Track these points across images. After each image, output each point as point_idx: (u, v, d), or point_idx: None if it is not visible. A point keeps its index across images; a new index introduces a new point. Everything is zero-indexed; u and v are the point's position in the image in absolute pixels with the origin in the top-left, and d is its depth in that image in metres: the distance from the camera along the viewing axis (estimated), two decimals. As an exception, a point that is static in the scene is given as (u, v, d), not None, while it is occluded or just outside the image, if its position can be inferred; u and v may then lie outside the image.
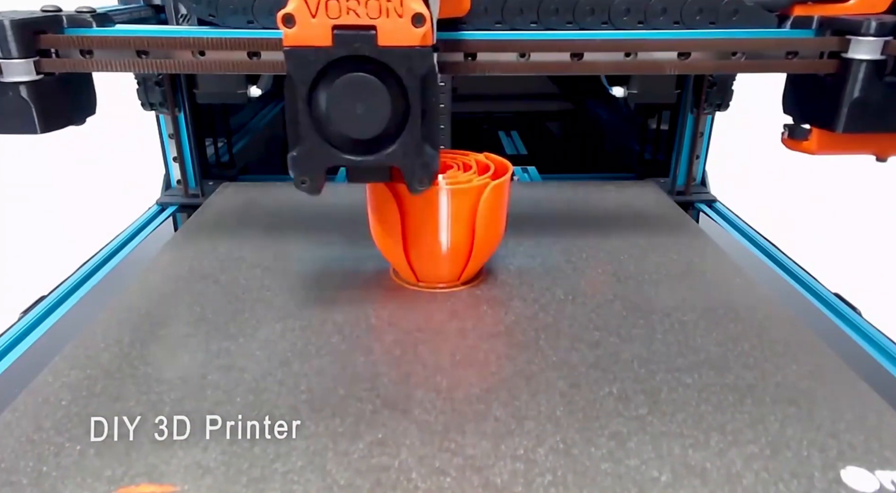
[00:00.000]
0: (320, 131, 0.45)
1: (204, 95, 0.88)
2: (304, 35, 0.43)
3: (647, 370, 0.46)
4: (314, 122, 0.45)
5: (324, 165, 0.47)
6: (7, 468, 0.37)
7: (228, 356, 0.48)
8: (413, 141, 0.46)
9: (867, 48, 0.56)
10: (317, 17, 0.42)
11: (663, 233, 0.72)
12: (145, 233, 0.83)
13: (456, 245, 0.56)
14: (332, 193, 0.85)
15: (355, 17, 0.42)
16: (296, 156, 0.46)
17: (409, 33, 0.42)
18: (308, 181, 0.47)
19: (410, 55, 0.43)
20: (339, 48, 0.43)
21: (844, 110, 0.58)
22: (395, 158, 0.46)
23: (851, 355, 0.55)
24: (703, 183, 0.97)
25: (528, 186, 0.95)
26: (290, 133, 0.46)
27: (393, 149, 0.46)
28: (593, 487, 0.36)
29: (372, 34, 0.42)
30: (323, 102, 0.44)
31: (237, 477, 0.36)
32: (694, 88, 0.89)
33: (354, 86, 0.44)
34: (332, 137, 0.46)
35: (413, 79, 0.44)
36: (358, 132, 0.45)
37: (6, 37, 0.52)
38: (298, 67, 0.44)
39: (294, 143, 0.46)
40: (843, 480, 0.36)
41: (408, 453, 0.38)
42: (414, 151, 0.46)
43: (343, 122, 0.45)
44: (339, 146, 0.46)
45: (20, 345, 0.57)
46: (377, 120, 0.45)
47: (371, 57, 0.43)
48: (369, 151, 0.46)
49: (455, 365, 0.47)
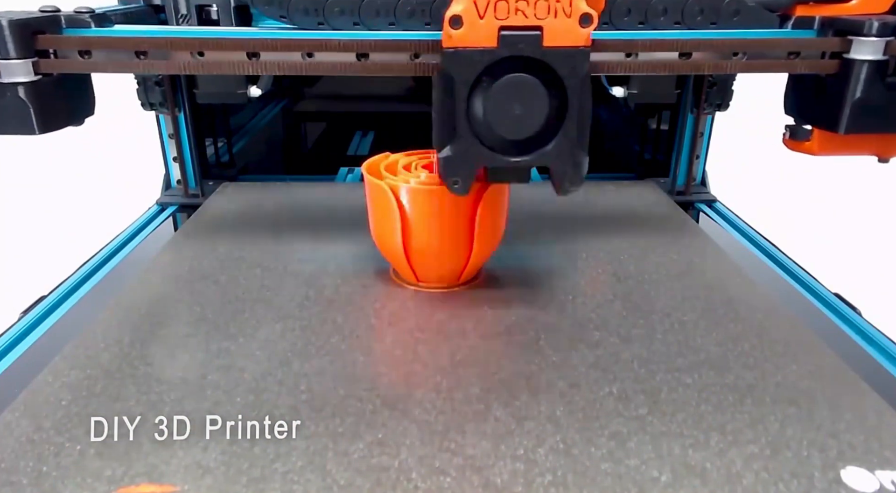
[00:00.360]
0: (475, 132, 0.46)
1: (204, 95, 0.88)
2: (470, 36, 0.43)
3: (647, 370, 0.46)
4: (470, 122, 0.46)
5: (477, 165, 0.47)
6: (7, 468, 0.37)
7: (228, 356, 0.48)
8: (568, 142, 0.46)
9: (869, 49, 0.56)
10: (485, 19, 0.43)
11: (663, 233, 0.72)
12: (145, 233, 0.83)
13: (456, 245, 0.56)
14: (332, 193, 0.86)
15: (523, 17, 0.43)
16: (450, 156, 0.47)
17: (575, 33, 0.43)
18: (460, 182, 0.47)
19: (574, 55, 0.44)
20: (504, 49, 0.43)
21: (846, 111, 0.57)
22: (549, 159, 0.47)
23: (851, 355, 0.55)
24: (703, 183, 0.97)
25: (528, 186, 0.95)
26: (439, 134, 0.46)
27: (548, 149, 0.46)
28: (593, 487, 0.36)
29: (537, 35, 0.43)
30: (481, 102, 0.45)
31: (237, 477, 0.36)
32: (694, 87, 0.89)
33: (515, 87, 0.44)
34: (487, 137, 0.46)
35: (575, 79, 0.44)
36: (514, 133, 0.46)
37: (4, 37, 0.52)
38: (461, 68, 0.44)
39: (443, 143, 0.47)
40: (843, 480, 0.36)
41: (408, 453, 0.38)
42: (568, 151, 0.46)
43: (500, 122, 0.45)
44: (491, 147, 0.46)
45: (20, 345, 0.57)
46: (534, 121, 0.45)
47: (534, 58, 0.43)
48: (521, 151, 0.46)
49: (455, 365, 0.47)
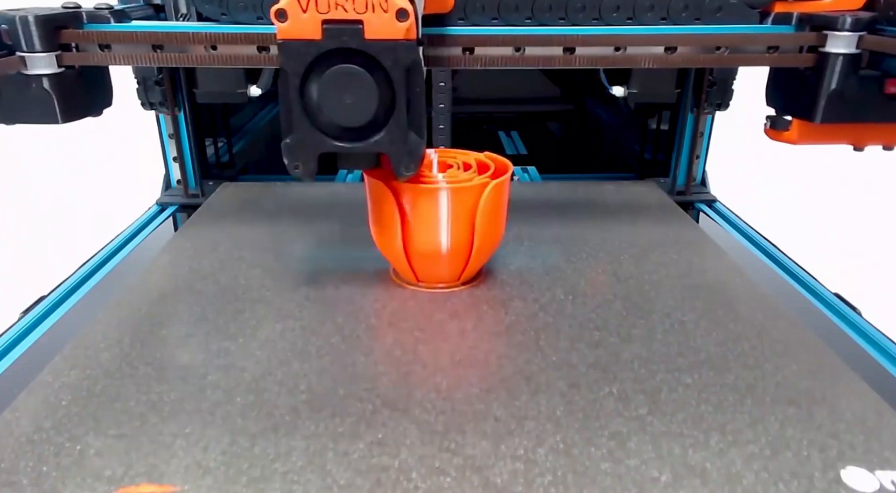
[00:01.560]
0: (312, 120, 0.48)
1: (204, 94, 0.88)
2: (296, 29, 0.45)
3: (647, 370, 0.46)
4: (306, 111, 0.48)
5: (315, 151, 0.49)
6: (7, 468, 0.37)
7: (228, 356, 0.48)
8: (399, 129, 0.48)
9: (843, 43, 0.59)
10: (307, 12, 0.45)
11: (663, 233, 0.72)
12: (145, 233, 0.83)
13: (456, 245, 0.56)
14: (332, 194, 0.86)
15: (343, 11, 0.44)
16: (289, 143, 0.49)
17: (393, 27, 0.45)
18: (301, 166, 0.50)
19: (395, 48, 0.46)
20: (329, 41, 0.45)
21: (822, 102, 0.61)
22: (383, 145, 0.49)
23: (851, 355, 0.55)
24: (703, 183, 0.97)
25: (528, 185, 0.95)
26: (284, 122, 0.49)
27: (380, 136, 0.48)
28: (593, 487, 0.36)
29: (359, 28, 0.45)
30: (314, 92, 0.47)
31: (237, 477, 0.36)
32: (694, 87, 0.89)
33: (343, 77, 0.46)
34: (323, 125, 0.48)
35: (398, 70, 0.46)
36: (347, 120, 0.48)
37: (30, 32, 0.56)
38: (290, 59, 0.46)
39: (287, 131, 0.49)
40: (843, 480, 0.36)
41: (408, 453, 0.38)
42: (400, 138, 0.48)
43: (333, 111, 0.47)
44: (329, 134, 0.49)
45: (20, 345, 0.57)
46: (365, 109, 0.47)
47: (358, 49, 0.46)
48: (358, 138, 0.49)
49: (455, 365, 0.47)
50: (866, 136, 0.65)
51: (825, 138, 0.66)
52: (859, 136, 0.65)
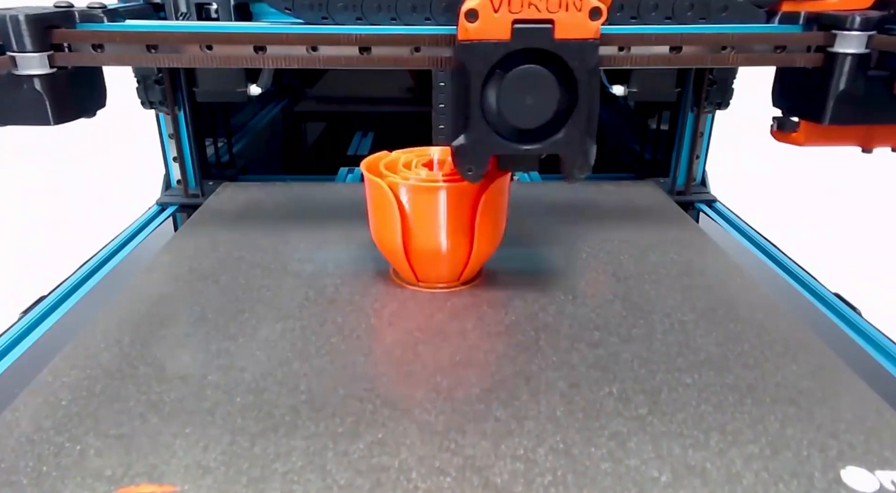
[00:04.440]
0: (488, 121, 0.48)
1: (204, 93, 0.88)
2: (485, 29, 0.45)
3: (647, 370, 0.46)
4: (483, 112, 0.47)
5: (490, 153, 0.49)
6: (7, 468, 0.37)
7: (228, 356, 0.48)
8: (578, 131, 0.48)
9: (852, 42, 0.58)
10: (499, 12, 0.44)
11: (663, 233, 0.72)
12: (145, 233, 0.83)
13: (456, 245, 0.56)
14: (332, 194, 0.86)
15: (535, 11, 0.44)
16: (464, 144, 0.48)
17: (585, 26, 0.45)
18: (474, 170, 0.49)
19: (584, 48, 0.45)
20: (517, 41, 0.45)
21: (831, 103, 0.60)
22: (560, 147, 0.49)
23: (851, 355, 0.55)
24: (703, 183, 0.97)
25: (528, 186, 0.95)
26: (455, 123, 0.49)
27: (558, 138, 0.48)
28: (593, 487, 0.36)
29: (549, 28, 0.45)
30: (494, 93, 0.47)
31: (237, 477, 0.36)
32: (694, 86, 0.89)
33: (527, 78, 0.46)
34: (499, 126, 0.48)
35: (584, 71, 0.46)
36: (526, 122, 0.48)
37: (21, 31, 0.54)
38: (476, 60, 0.46)
39: (459, 132, 0.49)
40: (843, 480, 0.36)
41: (408, 453, 0.38)
42: (578, 139, 0.48)
43: (513, 112, 0.47)
44: (503, 135, 0.48)
45: (20, 345, 0.57)
46: (544, 110, 0.47)
47: (545, 50, 0.45)
48: (532, 140, 0.48)
49: (455, 365, 0.47)
50: (875, 137, 0.64)
51: (833, 140, 0.65)
52: (868, 137, 0.64)
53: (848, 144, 0.65)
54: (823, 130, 0.62)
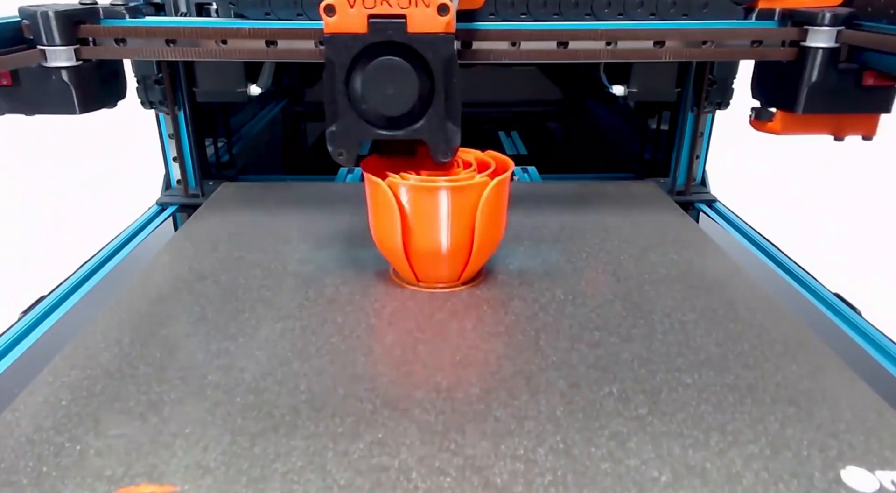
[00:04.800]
0: (355, 109, 0.51)
1: (204, 92, 0.88)
2: (343, 23, 0.48)
3: (647, 370, 0.46)
4: (350, 101, 0.51)
5: (358, 138, 0.53)
6: (7, 468, 0.37)
7: (228, 356, 0.48)
8: (437, 117, 0.51)
9: (823, 37, 0.62)
10: (354, 7, 0.48)
11: (663, 233, 0.72)
12: (145, 233, 0.83)
13: (456, 245, 0.56)
14: (332, 193, 0.86)
15: (388, 6, 0.48)
16: (334, 131, 0.52)
17: (435, 21, 0.48)
18: (344, 153, 0.53)
19: (436, 41, 0.49)
20: (374, 35, 0.49)
21: (804, 93, 0.64)
22: (422, 133, 0.52)
23: (851, 355, 0.55)
24: (703, 183, 0.97)
25: (528, 185, 0.95)
26: (328, 112, 0.52)
27: (420, 125, 0.52)
28: (593, 487, 0.36)
29: (402, 22, 0.48)
30: (358, 83, 0.50)
31: (237, 477, 0.36)
32: (694, 86, 0.89)
33: (386, 68, 0.49)
34: (366, 114, 0.51)
35: (438, 62, 0.49)
36: (388, 110, 0.51)
37: (50, 26, 0.59)
38: (337, 52, 0.50)
39: (331, 120, 0.52)
40: (843, 480, 0.36)
41: (408, 453, 0.38)
42: (438, 126, 0.52)
43: (376, 100, 0.50)
44: (371, 122, 0.52)
45: (20, 345, 0.57)
46: (406, 99, 0.50)
47: (401, 42, 0.49)
48: (398, 126, 0.52)
49: (455, 365, 0.47)
50: (846, 126, 0.68)
51: (807, 128, 0.69)
52: (839, 126, 0.68)
53: (821, 133, 0.69)
54: (798, 119, 0.67)
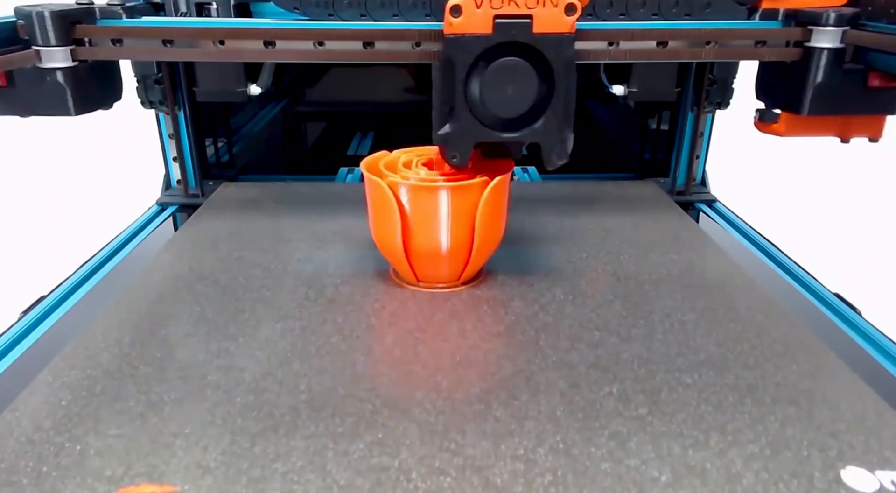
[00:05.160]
0: (472, 110, 0.51)
1: (204, 92, 0.88)
2: (468, 23, 0.48)
3: (647, 370, 0.46)
4: (468, 102, 0.51)
5: (474, 140, 0.52)
6: (7, 468, 0.37)
7: (228, 356, 0.48)
8: (556, 119, 0.51)
9: (828, 37, 0.61)
10: (481, 8, 0.48)
11: (663, 233, 0.72)
12: (145, 233, 0.83)
13: (456, 245, 0.56)
14: (332, 194, 0.86)
15: (515, 7, 0.48)
16: (449, 133, 0.51)
17: (561, 21, 0.48)
18: (458, 156, 0.52)
19: (561, 41, 0.48)
20: (498, 35, 0.48)
21: (808, 95, 0.63)
22: (538, 135, 0.51)
23: (851, 355, 0.55)
24: (703, 183, 0.97)
25: (528, 185, 0.95)
26: (439, 114, 0.52)
27: (537, 126, 0.51)
28: (593, 487, 0.36)
29: (528, 22, 0.48)
30: (477, 84, 0.50)
31: (237, 477, 0.36)
32: (694, 85, 0.89)
33: (508, 69, 0.49)
34: (482, 115, 0.51)
35: (561, 62, 0.49)
36: (506, 111, 0.50)
37: (46, 27, 0.58)
38: (460, 53, 0.49)
39: (442, 122, 0.51)
40: (843, 480, 0.36)
41: (408, 453, 0.38)
42: (556, 128, 0.51)
43: (494, 102, 0.50)
44: (488, 124, 0.51)
45: (20, 345, 0.57)
46: (524, 100, 0.50)
47: (525, 43, 0.48)
48: (514, 128, 0.51)
49: (455, 365, 0.47)
50: (851, 128, 0.67)
51: (812, 130, 0.68)
52: (844, 128, 0.67)
53: (826, 135, 0.68)
54: (802, 120, 0.66)
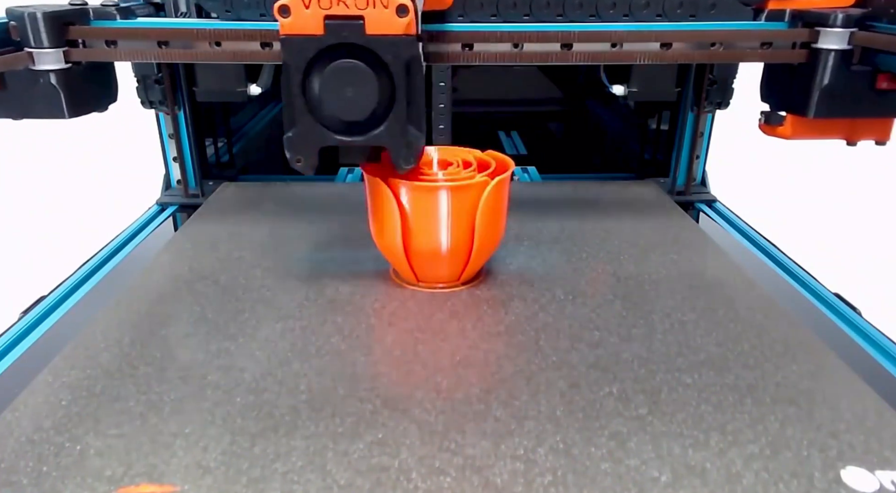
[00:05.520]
0: (314, 114, 0.49)
1: (204, 92, 0.88)
2: (298, 24, 0.46)
3: (647, 370, 0.46)
4: (308, 105, 0.49)
5: (317, 145, 0.50)
6: (7, 468, 0.37)
7: (228, 356, 0.48)
8: (398, 123, 0.49)
9: (835, 39, 0.60)
10: (310, 8, 0.46)
11: (663, 233, 0.72)
12: (145, 233, 0.83)
13: (456, 245, 0.56)
14: (332, 194, 0.86)
15: (345, 7, 0.46)
16: (291, 137, 0.50)
17: (394, 23, 0.46)
18: (302, 160, 0.51)
19: (395, 43, 0.47)
20: (330, 36, 0.46)
21: (815, 97, 0.62)
22: (382, 139, 0.50)
23: (851, 355, 0.55)
24: (703, 183, 0.97)
25: (528, 185, 0.95)
26: (286, 116, 0.50)
27: (380, 130, 0.49)
28: (593, 487, 0.36)
29: (360, 23, 0.46)
30: (316, 86, 0.48)
31: (237, 477, 0.36)
32: (694, 85, 0.89)
33: (344, 71, 0.47)
34: (324, 119, 0.49)
35: (398, 65, 0.47)
36: (348, 115, 0.49)
37: (38, 28, 0.57)
38: (293, 54, 0.47)
39: (289, 125, 0.50)
40: (843, 480, 0.36)
41: (408, 453, 0.38)
42: (399, 132, 0.49)
43: (334, 105, 0.48)
44: (330, 128, 0.49)
45: (20, 345, 0.57)
46: (365, 103, 0.48)
47: (359, 44, 0.47)
48: (359, 132, 0.50)
49: (455, 365, 0.47)
50: (858, 130, 0.66)
51: (818, 133, 0.67)
52: (851, 130, 0.67)
53: (832, 137, 0.67)
54: (809, 123, 0.65)
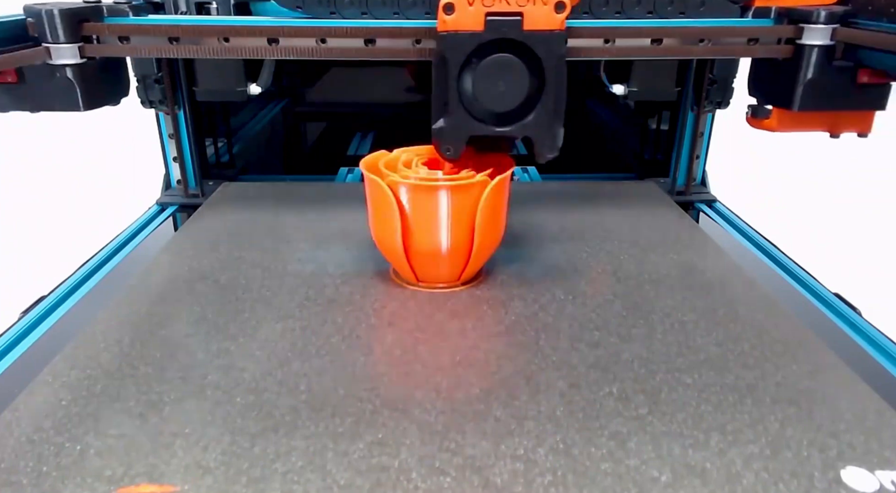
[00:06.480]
0: (465, 106, 0.52)
1: (204, 92, 0.88)
2: (461, 21, 0.50)
3: (647, 370, 0.46)
4: (461, 97, 0.52)
5: (467, 134, 0.54)
6: (7, 468, 0.37)
7: (228, 356, 0.48)
8: (546, 114, 0.53)
9: (818, 35, 0.63)
10: (473, 6, 0.49)
11: (663, 233, 0.72)
12: (145, 233, 0.83)
13: (456, 245, 0.56)
14: (332, 193, 0.86)
15: (506, 4, 0.49)
16: (443, 127, 0.53)
17: (551, 18, 0.50)
18: (451, 150, 0.54)
19: (551, 38, 0.50)
20: (490, 32, 0.50)
21: (799, 91, 0.65)
22: (530, 129, 0.53)
23: (851, 355, 0.55)
24: (703, 183, 0.97)
25: (528, 185, 0.95)
26: (435, 109, 0.54)
27: (528, 120, 0.53)
28: (593, 487, 0.36)
29: (519, 20, 0.50)
30: (469, 80, 0.51)
31: (237, 477, 0.36)
32: (694, 85, 0.89)
33: (499, 65, 0.51)
34: (475, 110, 0.53)
35: (551, 59, 0.51)
36: (499, 106, 0.52)
37: (55, 24, 0.60)
38: (453, 49, 0.51)
39: (438, 117, 0.54)
40: (843, 480, 0.36)
41: (408, 453, 0.38)
42: (546, 122, 0.53)
43: (486, 97, 0.52)
44: (480, 119, 0.53)
45: (20, 345, 0.57)
46: (515, 96, 0.52)
47: (516, 40, 0.50)
48: (505, 123, 0.53)
49: (455, 365, 0.47)
50: (841, 123, 0.69)
51: (803, 126, 0.69)
52: (835, 123, 0.69)
53: (816, 130, 0.69)
54: (793, 116, 0.67)
